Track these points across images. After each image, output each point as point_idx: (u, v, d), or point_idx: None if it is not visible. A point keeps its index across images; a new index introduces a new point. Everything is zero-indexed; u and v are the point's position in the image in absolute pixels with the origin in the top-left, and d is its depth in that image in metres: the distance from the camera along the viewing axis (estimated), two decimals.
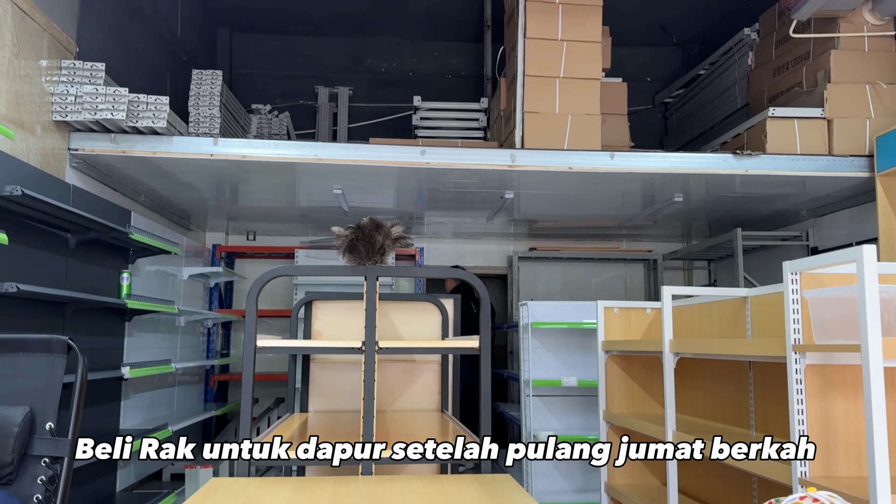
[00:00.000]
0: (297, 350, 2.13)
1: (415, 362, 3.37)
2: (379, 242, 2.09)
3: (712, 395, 3.15)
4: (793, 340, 1.94)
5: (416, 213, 5.83)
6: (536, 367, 4.71)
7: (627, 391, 3.72)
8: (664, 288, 2.86)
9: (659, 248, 7.18)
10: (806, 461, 1.89)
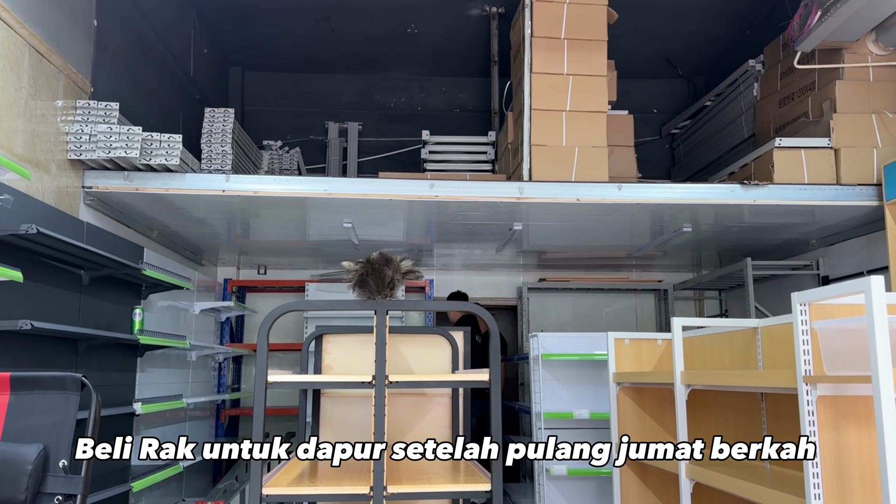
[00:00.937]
0: (308, 385, 2.14)
1: (425, 395, 3.36)
2: (389, 277, 2.11)
3: (724, 426, 3.12)
4: (804, 372, 1.93)
5: (425, 246, 5.86)
6: (548, 400, 4.68)
7: (640, 424, 3.69)
8: (674, 319, 2.85)
9: (669, 278, 7.16)
10: (819, 494, 1.87)
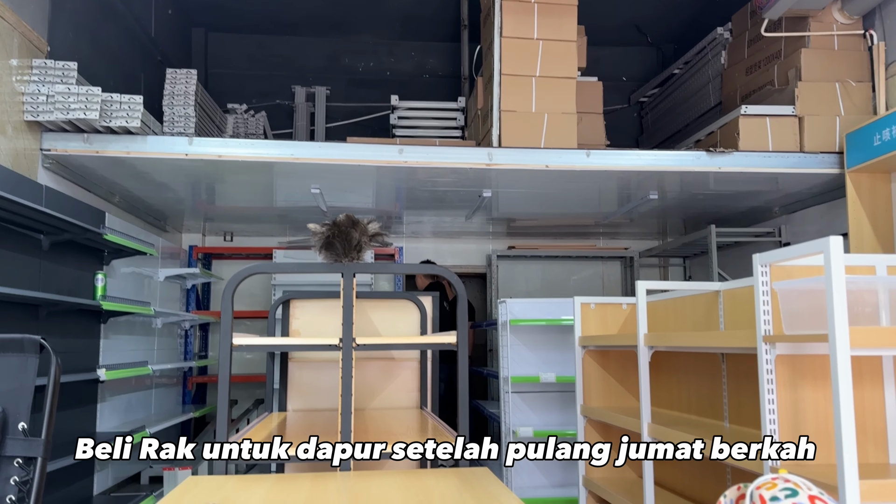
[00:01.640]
0: (274, 348, 2.13)
1: (393, 360, 3.37)
2: (356, 239, 2.09)
3: (687, 387, 3.19)
4: (763, 332, 1.97)
5: (394, 213, 5.84)
6: (515, 364, 4.73)
7: (604, 386, 3.76)
8: (638, 283, 2.89)
9: (635, 245, 7.25)
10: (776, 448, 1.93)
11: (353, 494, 1.79)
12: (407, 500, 1.74)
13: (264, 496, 1.78)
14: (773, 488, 1.17)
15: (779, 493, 1.16)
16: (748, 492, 1.20)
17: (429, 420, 2.84)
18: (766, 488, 1.18)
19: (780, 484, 1.18)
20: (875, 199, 4.21)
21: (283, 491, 1.84)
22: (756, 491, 1.19)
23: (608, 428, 3.73)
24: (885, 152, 3.90)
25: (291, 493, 1.81)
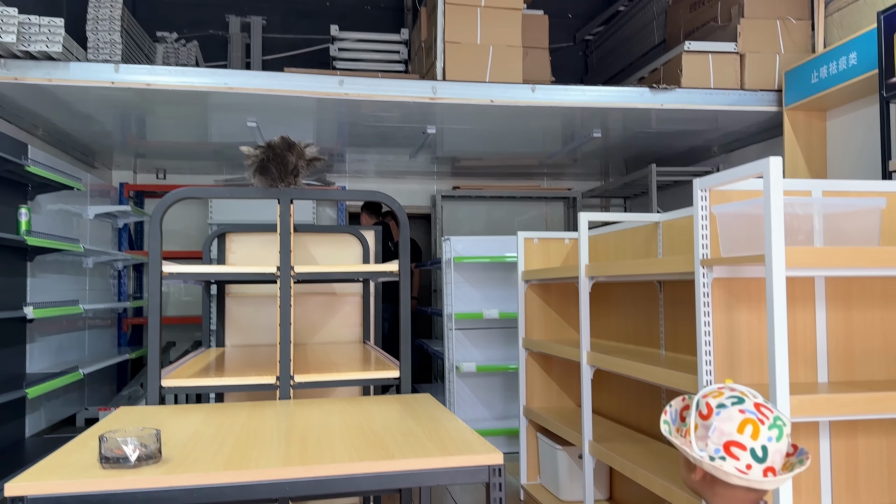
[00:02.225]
0: (206, 276, 2.05)
1: (335, 294, 3.32)
2: (292, 163, 2.01)
3: (625, 318, 3.24)
4: (701, 255, 1.99)
5: (336, 150, 5.70)
6: (459, 301, 4.74)
7: (546, 319, 3.80)
8: (580, 214, 2.89)
9: (578, 186, 7.30)
10: (711, 371, 1.97)
11: (292, 420, 1.76)
12: (347, 423, 1.72)
13: (199, 424, 1.73)
14: (720, 396, 1.18)
15: (725, 400, 1.17)
16: (694, 400, 1.21)
17: (372, 352, 2.82)
18: (712, 396, 1.19)
19: (726, 392, 1.19)
20: (810, 137, 4.30)
21: (219, 418, 1.79)
22: (703, 399, 1.20)
23: (549, 360, 3.78)
24: (822, 90, 3.96)
25: (227, 420, 1.77)
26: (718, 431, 1.15)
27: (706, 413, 1.18)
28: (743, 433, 1.14)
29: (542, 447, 3.59)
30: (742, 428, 1.14)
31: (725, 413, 1.16)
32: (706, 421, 1.17)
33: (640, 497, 3.10)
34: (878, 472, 2.01)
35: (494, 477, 1.37)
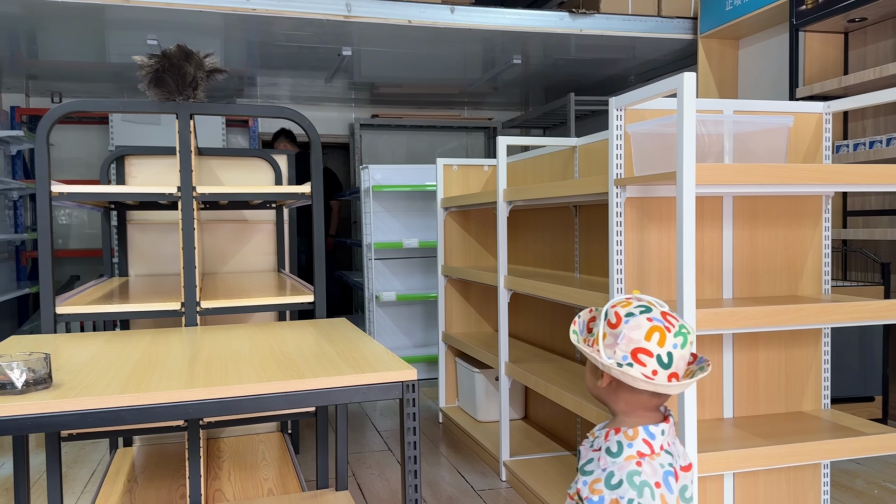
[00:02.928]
0: (100, 196, 1.91)
1: (246, 222, 3.21)
2: (190, 74, 1.87)
3: (542, 244, 3.27)
4: (615, 175, 2.00)
5: (247, 73, 5.43)
6: (378, 231, 4.68)
7: (465, 247, 3.80)
8: (499, 138, 2.86)
9: (499, 116, 7.26)
10: (622, 289, 2.00)
11: (198, 346, 1.69)
12: (257, 347, 1.66)
13: (97, 350, 1.64)
14: (628, 305, 1.19)
15: (633, 309, 1.18)
16: (603, 311, 1.21)
17: (286, 280, 2.74)
18: (620, 306, 1.20)
19: (634, 302, 1.20)
20: (723, 66, 4.37)
21: (118, 345, 1.70)
22: (611, 309, 1.20)
23: (468, 286, 3.80)
24: (735, 17, 4.00)
25: (128, 347, 1.68)
26: (627, 339, 1.15)
27: (615, 322, 1.18)
28: (650, 340, 1.15)
29: (461, 371, 3.64)
30: (650, 335, 1.15)
31: (634, 321, 1.17)
32: (615, 329, 1.18)
33: (553, 416, 3.19)
34: (776, 383, 2.12)
35: (408, 393, 1.35)
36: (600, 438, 1.21)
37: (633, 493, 1.10)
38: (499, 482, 2.83)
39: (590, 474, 1.18)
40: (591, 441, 1.24)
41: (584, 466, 1.20)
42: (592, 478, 1.17)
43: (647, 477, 1.12)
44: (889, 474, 2.85)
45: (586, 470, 1.19)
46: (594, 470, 1.18)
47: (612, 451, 1.17)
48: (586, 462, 1.21)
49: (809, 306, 1.77)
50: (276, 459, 2.76)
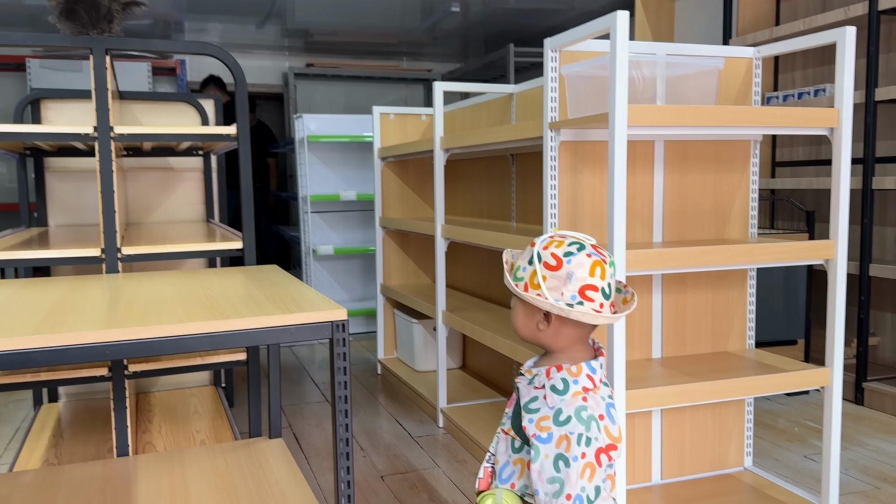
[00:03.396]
0: (9, 136, 1.79)
1: (173, 170, 3.08)
2: (105, 6, 1.75)
3: (480, 194, 3.26)
4: (549, 118, 1.98)
5: (173, 19, 5.18)
6: (315, 183, 4.59)
7: (403, 198, 3.76)
8: (436, 84, 2.80)
9: (438, 67, 7.16)
10: None
11: (118, 291, 1.62)
12: (181, 292, 1.60)
13: (9, 296, 1.55)
14: (562, 245, 1.16)
15: (568, 248, 1.16)
16: (533, 254, 1.19)
17: (215, 228, 2.66)
18: (554, 247, 1.17)
19: (565, 241, 1.18)
20: (660, 17, 4.39)
21: (32, 291, 1.61)
22: (545, 252, 1.17)
23: (406, 238, 3.77)
24: None
25: (43, 292, 1.60)
26: (576, 279, 1.14)
27: (555, 264, 1.16)
28: (594, 276, 1.14)
29: (399, 322, 3.63)
30: (593, 271, 1.14)
31: (575, 260, 1.15)
32: (558, 271, 1.16)
33: (490, 364, 3.23)
34: (703, 324, 2.18)
35: (338, 333, 1.32)
36: (541, 376, 1.19)
37: (582, 427, 1.10)
38: (436, 429, 2.86)
39: (536, 412, 1.16)
40: (529, 379, 1.22)
41: (529, 404, 1.18)
42: (539, 415, 1.16)
43: (593, 411, 1.12)
44: (809, 413, 3.00)
45: (531, 408, 1.18)
46: (540, 408, 1.16)
47: (558, 389, 1.16)
48: (530, 400, 1.19)
49: (736, 247, 1.81)
50: (209, 412, 2.71)
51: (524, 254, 1.23)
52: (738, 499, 2.03)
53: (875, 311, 3.38)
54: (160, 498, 1.64)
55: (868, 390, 3.03)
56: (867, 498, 2.18)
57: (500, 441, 1.25)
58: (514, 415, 1.22)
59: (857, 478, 2.33)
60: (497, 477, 1.22)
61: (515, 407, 1.23)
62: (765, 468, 2.40)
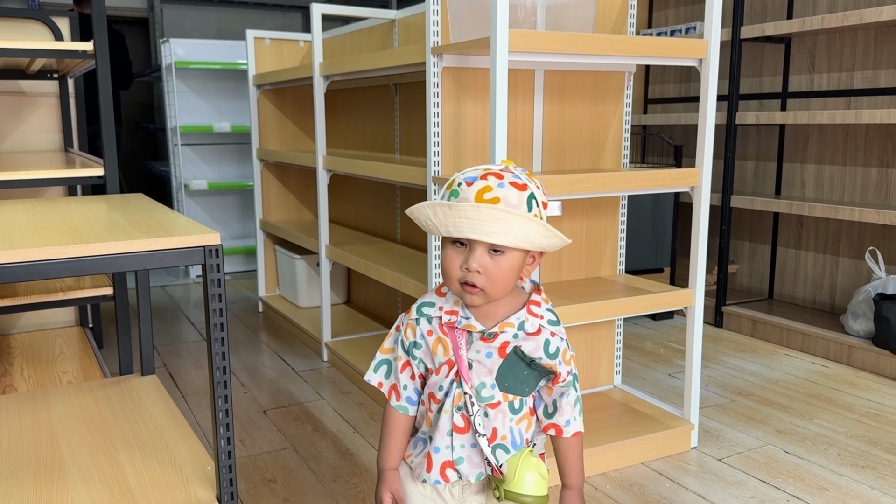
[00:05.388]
0: None
1: (24, 95, 2.81)
2: None
3: (362, 126, 3.19)
4: (431, 43, 1.95)
5: None
6: (185, 114, 4.33)
7: (282, 129, 3.62)
8: (314, 5, 2.68)
9: None
10: (439, 161, 2.00)
11: None
12: (36, 219, 1.47)
13: None
14: (531, 177, 1.04)
15: (527, 176, 1.04)
16: (532, 186, 1.02)
17: (76, 158, 2.46)
18: (528, 177, 1.03)
19: (518, 169, 1.04)
20: None
21: None
22: (538, 192, 1.03)
23: (286, 171, 3.65)
24: None
25: None
26: (548, 207, 1.07)
27: (546, 203, 1.05)
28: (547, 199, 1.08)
29: (281, 259, 3.55)
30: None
31: (541, 186, 1.06)
32: (545, 197, 1.06)
33: (375, 297, 3.23)
34: (578, 251, 2.26)
35: (211, 258, 1.26)
36: (530, 321, 1.06)
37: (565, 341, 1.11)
38: (320, 363, 2.84)
39: (557, 352, 1.07)
40: (513, 333, 1.06)
41: (548, 349, 1.06)
42: (562, 352, 1.07)
43: None
44: (673, 336, 3.21)
45: (551, 352, 1.06)
46: (558, 346, 1.07)
47: (554, 321, 1.09)
48: (545, 345, 1.06)
49: (610, 174, 1.88)
50: (77, 353, 2.56)
51: (506, 188, 1.00)
52: (610, 413, 2.16)
53: (735, 240, 3.64)
54: (24, 438, 1.54)
55: (727, 314, 3.29)
56: (724, 409, 2.38)
57: (482, 422, 1.07)
58: (508, 376, 1.07)
59: (716, 392, 2.53)
60: (505, 450, 1.07)
61: (506, 369, 1.06)
62: (633, 386, 2.56)
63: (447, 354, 1.08)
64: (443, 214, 0.99)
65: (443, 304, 1.10)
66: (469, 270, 1.01)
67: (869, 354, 2.72)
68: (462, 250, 1.02)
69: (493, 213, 0.96)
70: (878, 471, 1.94)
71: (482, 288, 1.01)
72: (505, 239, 0.97)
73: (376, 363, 1.16)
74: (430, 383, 1.11)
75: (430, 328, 1.10)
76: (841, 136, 3.11)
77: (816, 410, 2.36)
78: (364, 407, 2.39)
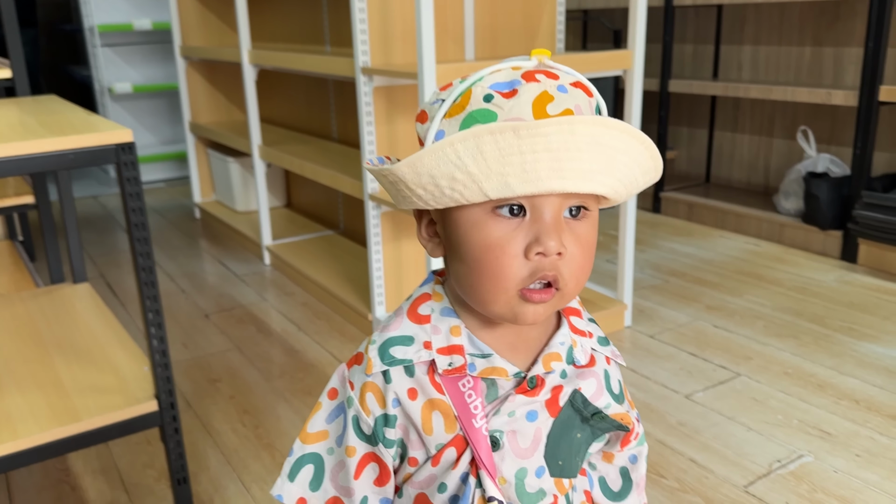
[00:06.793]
0: None
1: None
2: None
3: (289, 19, 3.04)
4: None
5: None
6: (102, 12, 4.05)
7: (204, 23, 3.43)
8: None
9: None
10: (367, 51, 1.93)
11: None
12: None
13: None
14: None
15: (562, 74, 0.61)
16: (524, 104, 0.56)
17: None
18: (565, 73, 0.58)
19: (555, 68, 0.59)
20: None
21: None
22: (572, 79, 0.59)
23: (213, 69, 3.49)
24: None
25: None
26: None
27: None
28: None
29: (214, 162, 3.44)
30: None
31: None
32: None
33: (316, 199, 3.18)
34: None
35: (125, 155, 1.20)
36: (571, 347, 0.63)
37: None
38: (262, 266, 2.82)
39: (620, 391, 0.67)
40: (561, 370, 0.62)
41: (610, 387, 0.65)
42: (622, 387, 0.68)
43: None
44: (612, 224, 3.28)
45: (615, 392, 0.66)
46: (619, 378, 0.68)
47: (603, 338, 0.68)
48: (606, 382, 0.65)
49: None
50: (7, 266, 2.48)
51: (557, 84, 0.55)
52: None
53: (673, 126, 3.66)
54: None
55: (664, 199, 3.35)
56: (657, 290, 2.46)
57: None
58: (562, 447, 0.62)
59: (651, 274, 2.61)
60: None
61: (559, 435, 0.62)
62: None
63: (451, 430, 0.60)
64: (503, 147, 0.50)
65: (429, 339, 0.60)
66: (546, 255, 0.53)
67: (798, 232, 2.82)
68: (517, 222, 0.54)
69: (595, 133, 0.51)
70: (800, 339, 2.06)
71: (562, 286, 0.55)
72: (618, 184, 0.54)
73: (293, 462, 0.64)
74: (418, 482, 0.62)
75: (413, 385, 0.60)
76: (777, 14, 3.10)
77: (746, 287, 2.46)
78: (308, 306, 2.40)
